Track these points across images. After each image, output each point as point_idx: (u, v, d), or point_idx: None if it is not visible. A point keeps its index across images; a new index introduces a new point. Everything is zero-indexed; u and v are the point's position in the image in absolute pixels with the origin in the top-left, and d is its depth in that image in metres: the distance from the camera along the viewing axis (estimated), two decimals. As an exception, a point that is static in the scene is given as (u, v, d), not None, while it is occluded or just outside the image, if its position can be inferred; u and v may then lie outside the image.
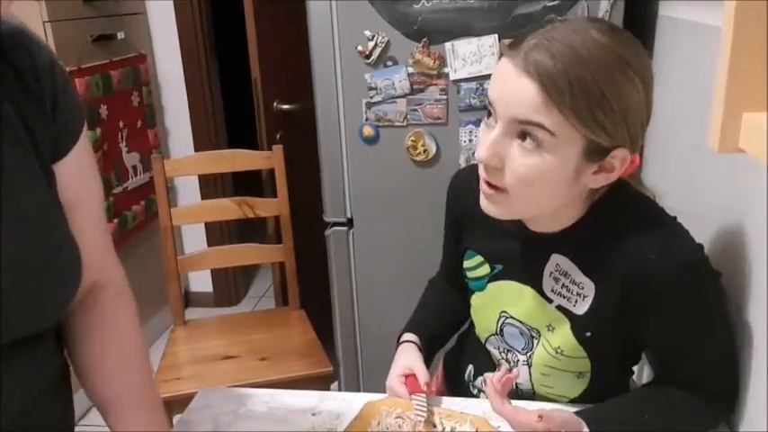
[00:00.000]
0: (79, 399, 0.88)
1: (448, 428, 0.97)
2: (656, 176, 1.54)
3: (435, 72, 1.65)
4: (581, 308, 0.95)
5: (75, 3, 2.33)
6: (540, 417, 0.85)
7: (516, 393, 1.09)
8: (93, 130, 2.35)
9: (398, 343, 1.16)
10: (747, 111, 0.48)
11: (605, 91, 0.79)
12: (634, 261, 0.88)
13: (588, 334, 0.96)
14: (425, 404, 0.99)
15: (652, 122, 1.46)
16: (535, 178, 0.84)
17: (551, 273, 0.97)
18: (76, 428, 0.89)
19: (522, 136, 0.83)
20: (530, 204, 0.89)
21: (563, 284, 0.96)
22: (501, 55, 0.85)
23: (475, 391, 1.16)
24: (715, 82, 0.50)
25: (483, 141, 0.86)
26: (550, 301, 0.98)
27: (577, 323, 0.96)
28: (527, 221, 0.98)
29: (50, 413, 0.80)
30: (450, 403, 1.05)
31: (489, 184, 0.88)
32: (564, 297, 0.96)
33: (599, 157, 0.84)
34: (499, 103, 0.84)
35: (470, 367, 1.17)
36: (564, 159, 0.83)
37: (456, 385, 1.22)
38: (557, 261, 0.96)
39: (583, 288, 0.94)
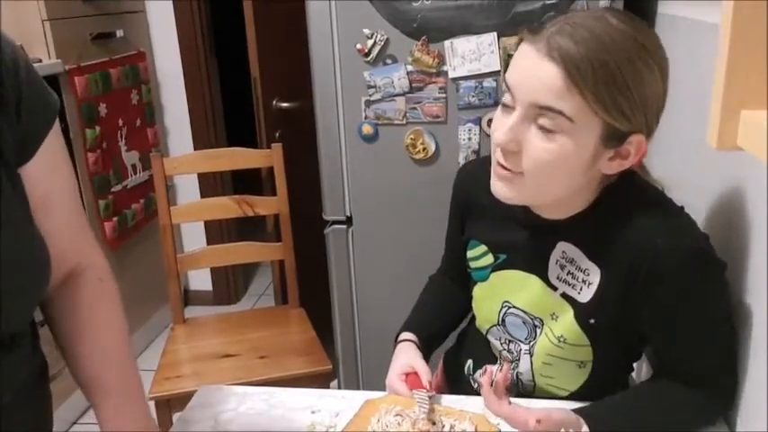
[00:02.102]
0: (78, 399, 0.88)
1: (447, 426, 0.97)
2: (656, 173, 1.54)
3: (434, 70, 1.64)
4: (586, 295, 0.95)
5: (75, 1, 2.33)
6: (539, 421, 0.85)
7: (517, 385, 1.09)
8: (93, 129, 2.35)
9: (396, 342, 1.16)
10: (746, 108, 0.48)
11: (627, 77, 0.80)
12: (641, 245, 0.88)
13: (592, 321, 0.96)
14: (428, 399, 1.00)
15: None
16: (552, 163, 0.84)
17: (557, 260, 0.97)
18: (75, 427, 0.89)
19: (542, 121, 0.83)
20: (543, 189, 0.89)
21: (569, 271, 0.96)
22: (520, 41, 0.86)
23: (475, 386, 1.16)
24: (713, 80, 0.50)
25: (501, 125, 0.87)
26: (555, 288, 0.99)
27: (581, 310, 0.96)
28: (535, 209, 0.98)
29: (27, 414, 0.80)
30: (450, 401, 1.05)
31: (505, 168, 0.88)
32: (569, 284, 0.97)
33: (616, 143, 0.85)
34: (519, 88, 0.84)
35: (470, 361, 1.17)
36: (582, 145, 0.84)
37: (456, 381, 1.22)
38: (563, 248, 0.96)
39: (588, 275, 0.94)
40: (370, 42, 1.65)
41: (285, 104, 2.39)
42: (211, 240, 2.95)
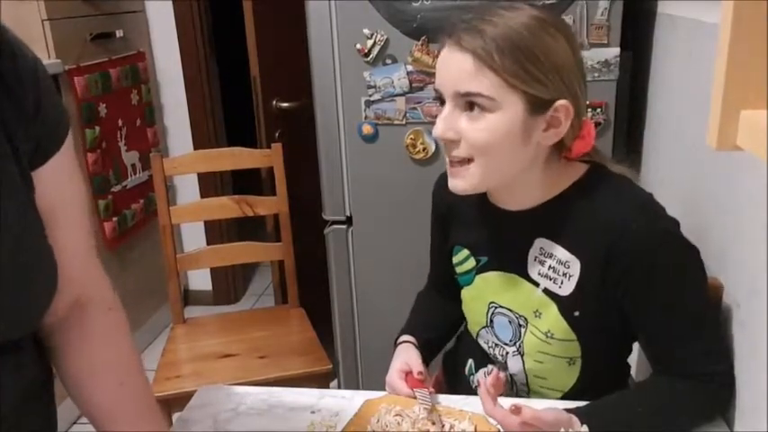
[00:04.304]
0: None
1: (447, 426, 0.97)
2: (655, 172, 1.54)
3: (434, 70, 1.64)
4: (567, 288, 0.97)
5: (74, 1, 2.33)
6: (517, 408, 0.85)
7: (512, 388, 1.09)
8: (92, 129, 2.35)
9: (396, 345, 1.17)
10: (745, 108, 0.48)
11: (532, 47, 0.87)
12: (614, 230, 0.91)
13: (576, 314, 0.97)
14: (429, 398, 1.00)
15: (651, 119, 1.47)
16: (490, 141, 0.90)
17: (536, 257, 1.00)
18: (75, 427, 0.89)
19: (470, 107, 0.90)
20: (493, 169, 0.93)
21: (549, 266, 0.99)
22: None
23: (475, 385, 1.16)
24: (713, 79, 0.50)
25: (437, 122, 0.93)
26: (537, 284, 1.00)
27: (565, 304, 0.98)
28: (501, 202, 1.02)
29: (30, 421, 0.79)
30: (450, 401, 1.05)
31: (453, 162, 0.94)
32: (550, 279, 0.99)
33: (542, 111, 0.90)
34: (443, 84, 0.93)
35: (470, 361, 1.18)
36: (510, 118, 0.89)
37: (455, 381, 1.22)
38: (540, 245, 0.99)
39: (569, 267, 0.96)
40: (369, 42, 1.65)
41: (285, 104, 2.39)
42: (211, 240, 2.95)
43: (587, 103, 1.61)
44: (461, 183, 0.95)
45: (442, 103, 0.94)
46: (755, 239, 0.88)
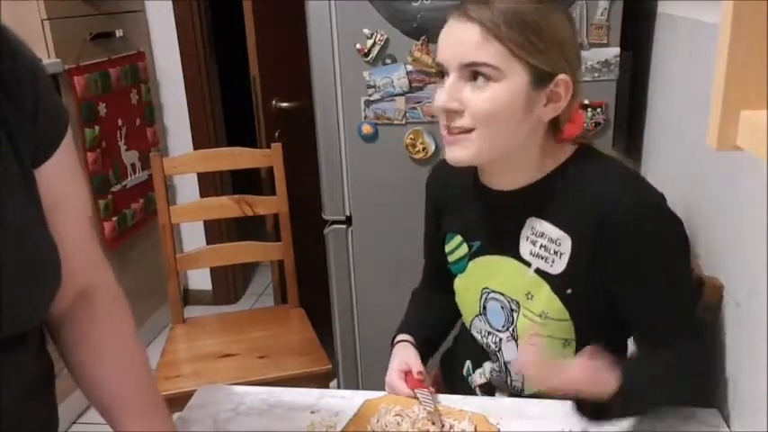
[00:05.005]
0: (78, 399, 0.88)
1: (447, 426, 0.97)
2: (655, 172, 1.54)
3: (434, 70, 1.64)
4: (559, 266, 0.98)
5: (74, 1, 2.33)
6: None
7: (506, 380, 1.09)
8: (92, 128, 2.35)
9: (393, 345, 1.17)
10: (746, 108, 0.48)
11: (536, 20, 0.89)
12: (604, 206, 0.93)
13: (569, 291, 0.98)
14: (431, 398, 1.00)
15: (651, 119, 1.47)
16: (493, 111, 0.91)
17: (528, 237, 1.01)
18: (75, 427, 0.89)
19: (474, 77, 0.91)
20: (493, 140, 0.94)
21: (541, 245, 0.99)
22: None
23: (474, 386, 1.16)
24: (713, 79, 0.50)
25: (440, 93, 0.94)
26: (529, 265, 1.01)
27: (557, 282, 0.99)
28: (492, 181, 1.02)
29: (32, 415, 0.79)
30: (450, 401, 1.05)
31: (452, 131, 0.94)
32: (542, 258, 0.99)
33: (545, 85, 0.92)
34: (447, 56, 0.93)
35: (468, 362, 1.18)
36: (514, 89, 0.90)
37: (453, 382, 1.22)
38: (532, 224, 1.00)
39: (560, 245, 0.97)
40: (369, 42, 1.65)
41: (285, 104, 2.39)
42: (211, 240, 2.95)
43: (587, 102, 1.62)
44: (460, 152, 0.95)
45: (442, 76, 0.94)
46: (755, 239, 0.88)
